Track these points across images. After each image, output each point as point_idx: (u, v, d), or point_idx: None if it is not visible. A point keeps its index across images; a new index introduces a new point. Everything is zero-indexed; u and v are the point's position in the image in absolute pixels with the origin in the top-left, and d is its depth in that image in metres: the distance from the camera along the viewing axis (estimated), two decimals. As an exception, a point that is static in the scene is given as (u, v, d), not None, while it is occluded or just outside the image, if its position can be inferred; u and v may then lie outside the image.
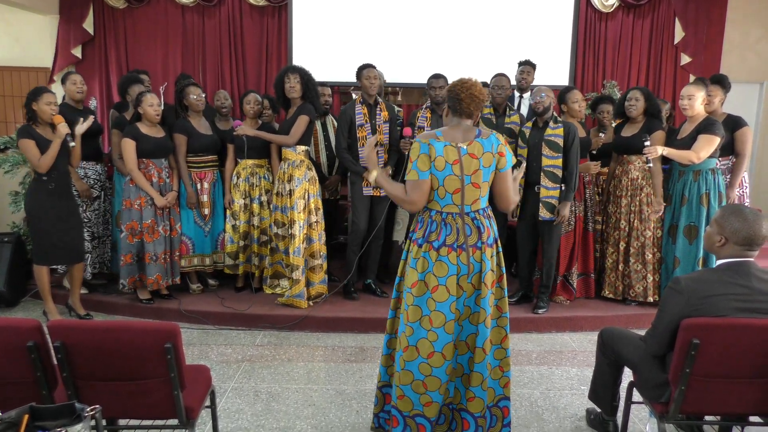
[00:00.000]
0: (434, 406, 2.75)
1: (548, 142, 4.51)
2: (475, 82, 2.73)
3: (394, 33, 6.90)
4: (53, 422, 1.84)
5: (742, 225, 2.41)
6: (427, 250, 2.72)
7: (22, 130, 4.26)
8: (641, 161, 4.72)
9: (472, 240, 2.71)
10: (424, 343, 2.71)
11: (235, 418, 3.30)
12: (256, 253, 5.07)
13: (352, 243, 4.96)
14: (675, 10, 6.95)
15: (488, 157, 2.68)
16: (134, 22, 7.00)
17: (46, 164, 4.24)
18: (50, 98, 4.28)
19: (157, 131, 4.70)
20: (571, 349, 4.38)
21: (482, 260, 2.72)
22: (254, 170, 5.00)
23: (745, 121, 4.76)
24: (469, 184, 2.68)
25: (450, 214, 2.72)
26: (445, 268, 2.69)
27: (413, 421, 2.76)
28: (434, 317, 2.70)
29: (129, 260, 4.68)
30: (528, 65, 5.62)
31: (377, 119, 4.86)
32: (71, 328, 2.26)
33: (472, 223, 2.72)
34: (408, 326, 2.74)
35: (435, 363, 2.71)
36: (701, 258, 4.61)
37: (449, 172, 2.66)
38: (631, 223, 4.84)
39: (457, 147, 2.66)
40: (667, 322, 2.49)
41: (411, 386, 2.74)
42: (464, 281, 2.72)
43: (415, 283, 2.73)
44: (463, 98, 2.69)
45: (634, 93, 4.78)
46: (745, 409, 2.57)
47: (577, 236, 4.89)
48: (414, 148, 2.71)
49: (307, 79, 4.69)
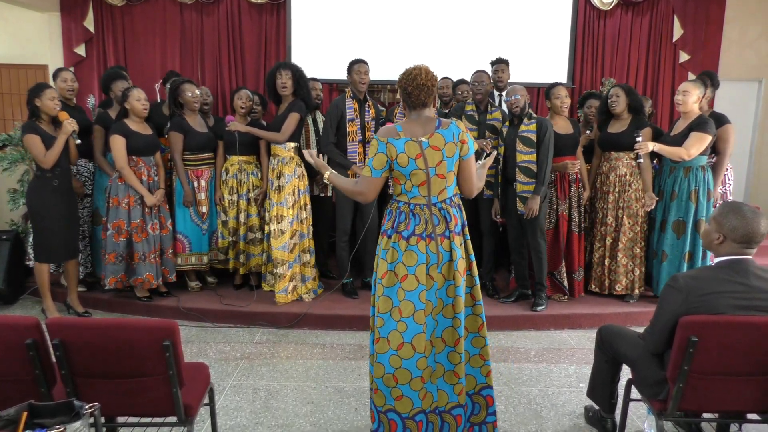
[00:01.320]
0: (405, 401, 2.71)
1: (522, 138, 4.54)
2: (420, 70, 2.70)
3: (392, 30, 6.89)
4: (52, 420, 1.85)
5: (741, 222, 2.42)
6: (397, 240, 2.72)
7: (27, 126, 4.26)
8: (629, 157, 4.76)
9: (440, 229, 2.71)
10: (395, 335, 2.69)
11: (234, 415, 3.30)
12: (242, 250, 5.06)
13: (339, 241, 5.00)
14: (674, 8, 6.95)
15: (450, 147, 2.68)
16: (132, 19, 6.99)
17: (51, 160, 4.25)
18: (52, 94, 4.28)
19: (146, 128, 4.66)
20: (570, 347, 4.38)
21: (452, 249, 2.72)
22: (242, 167, 4.99)
23: (728, 119, 4.81)
24: (434, 175, 2.67)
25: (417, 204, 2.72)
26: (414, 257, 2.69)
27: (385, 417, 2.73)
28: (403, 307, 2.68)
29: (113, 259, 4.61)
30: (501, 63, 5.52)
31: (366, 116, 4.90)
32: (70, 326, 2.26)
33: (439, 213, 2.72)
34: (379, 317, 2.73)
35: (405, 354, 2.68)
36: (687, 252, 4.70)
37: (413, 167, 2.65)
38: (619, 219, 4.88)
39: (418, 141, 2.65)
40: (666, 319, 2.49)
41: (383, 380, 2.72)
42: (434, 271, 2.71)
43: (385, 273, 2.73)
44: (411, 90, 2.68)
45: (615, 90, 4.88)
46: (743, 407, 2.57)
47: (562, 235, 4.89)
48: (372, 145, 2.72)
49: (298, 76, 4.71)
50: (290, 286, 4.84)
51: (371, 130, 4.92)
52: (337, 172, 4.88)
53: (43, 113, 4.28)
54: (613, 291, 4.99)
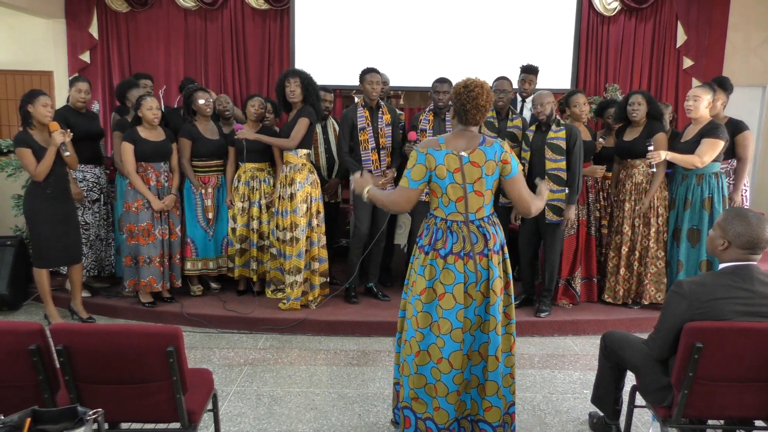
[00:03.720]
0: (442, 413, 2.75)
1: (551, 145, 4.50)
2: (482, 90, 2.69)
3: (396, 36, 6.91)
4: (55, 426, 1.84)
5: (745, 229, 2.41)
6: (434, 258, 2.72)
7: (18, 138, 4.25)
8: (645, 165, 4.71)
9: (478, 247, 2.71)
10: (434, 349, 2.74)
11: (238, 421, 3.30)
12: (255, 257, 5.05)
13: (354, 246, 4.95)
14: (677, 14, 6.96)
15: (491, 165, 2.68)
16: (137, 25, 7.03)
17: (42, 173, 4.25)
18: (45, 101, 4.26)
19: (157, 135, 4.69)
20: (574, 353, 4.37)
21: (489, 267, 2.72)
22: (255, 174, 4.99)
23: (746, 125, 4.75)
24: (472, 192, 2.68)
25: (455, 222, 2.72)
26: (452, 276, 2.70)
27: (424, 424, 2.78)
28: (442, 324, 2.71)
29: (129, 262, 4.70)
30: (530, 73, 5.44)
31: (379, 123, 4.85)
32: (73, 332, 2.26)
33: (478, 230, 2.72)
34: (418, 332, 2.76)
35: (443, 369, 2.73)
36: (704, 261, 4.61)
37: (451, 180, 2.66)
38: (636, 227, 4.82)
39: (458, 155, 2.66)
40: (670, 325, 2.48)
41: (425, 389, 2.77)
42: (472, 289, 2.72)
43: (424, 290, 2.75)
44: (469, 109, 2.69)
45: (636, 97, 4.77)
46: (748, 413, 2.56)
47: (581, 240, 4.88)
48: (412, 156, 2.72)
49: (307, 83, 4.69)
50: (300, 292, 4.83)
51: (386, 137, 4.85)
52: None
53: (35, 120, 4.26)
54: (630, 300, 4.93)
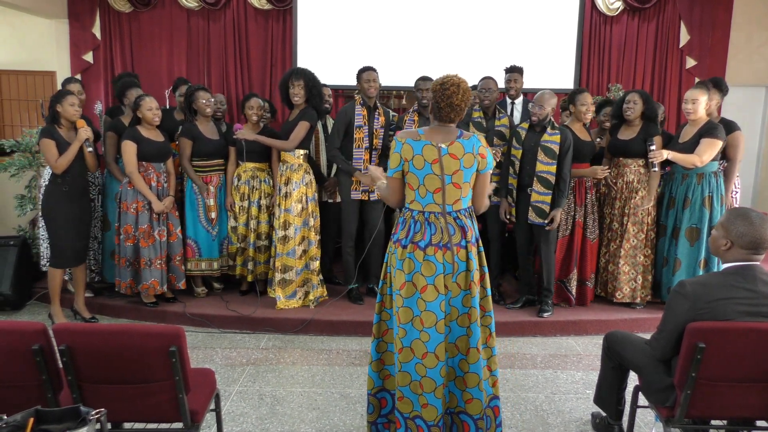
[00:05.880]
0: (431, 409, 2.73)
1: (544, 148, 4.50)
2: (457, 89, 2.67)
3: (399, 37, 6.90)
4: (58, 426, 1.84)
5: (748, 229, 2.40)
6: (413, 251, 2.72)
7: (44, 130, 4.36)
8: (637, 164, 4.74)
9: (456, 239, 2.72)
10: (418, 344, 2.71)
11: (240, 421, 3.30)
12: (252, 257, 5.05)
13: (345, 245, 5.00)
14: (680, 14, 6.94)
15: (469, 158, 2.69)
16: (140, 26, 7.02)
17: (62, 165, 4.30)
18: (73, 100, 4.38)
19: (157, 135, 4.70)
20: (576, 353, 4.37)
21: (468, 258, 2.73)
22: (255, 173, 5.00)
23: (738, 126, 4.76)
24: (450, 183, 2.69)
25: (432, 213, 2.73)
26: (432, 268, 2.69)
27: (413, 423, 2.75)
28: (425, 317, 2.69)
29: (124, 264, 4.66)
30: (515, 72, 5.47)
31: (375, 123, 4.88)
32: (76, 332, 2.27)
33: (455, 222, 2.73)
34: (400, 328, 2.74)
35: (429, 364, 2.70)
36: (703, 260, 4.65)
37: (429, 171, 2.67)
38: (624, 225, 4.84)
39: (437, 146, 2.68)
40: (673, 326, 2.48)
41: (410, 387, 2.74)
42: (449, 280, 2.72)
43: (404, 284, 2.73)
44: (443, 107, 2.70)
45: (633, 96, 4.78)
46: (751, 414, 2.56)
47: (576, 242, 4.86)
48: (391, 145, 2.78)
49: (311, 85, 4.70)
50: (300, 291, 4.85)
51: (379, 138, 4.90)
52: (342, 178, 4.95)
53: (64, 119, 4.36)
54: (613, 298, 4.95)
